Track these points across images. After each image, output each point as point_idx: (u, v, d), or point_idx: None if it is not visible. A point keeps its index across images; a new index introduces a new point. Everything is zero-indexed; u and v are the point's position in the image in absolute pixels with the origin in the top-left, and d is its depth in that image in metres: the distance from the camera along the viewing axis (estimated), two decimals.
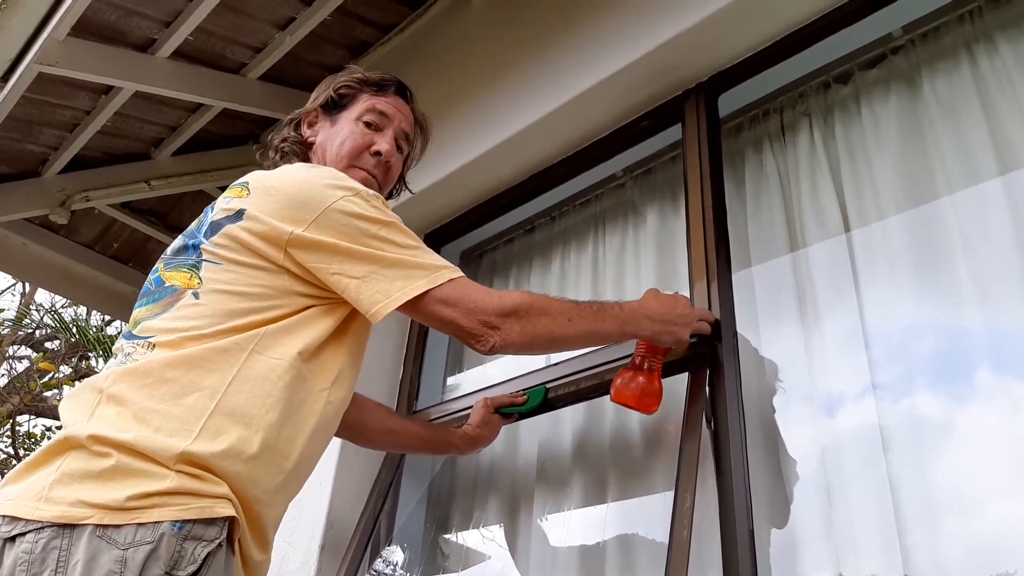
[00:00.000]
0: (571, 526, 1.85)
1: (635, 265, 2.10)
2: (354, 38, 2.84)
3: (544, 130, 2.17)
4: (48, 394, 7.84)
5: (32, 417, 8.05)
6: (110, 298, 3.81)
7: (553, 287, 2.30)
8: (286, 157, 1.50)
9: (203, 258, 1.24)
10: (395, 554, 2.11)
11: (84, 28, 2.48)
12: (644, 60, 1.94)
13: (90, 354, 8.20)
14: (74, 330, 7.59)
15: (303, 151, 1.51)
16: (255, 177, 1.34)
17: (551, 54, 2.21)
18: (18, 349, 8.99)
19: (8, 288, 10.03)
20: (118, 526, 1.01)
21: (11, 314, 8.81)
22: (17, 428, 7.61)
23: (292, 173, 1.34)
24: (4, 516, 1.05)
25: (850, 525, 1.44)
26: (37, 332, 8.69)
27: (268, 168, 1.48)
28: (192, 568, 1.02)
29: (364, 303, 1.22)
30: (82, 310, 8.38)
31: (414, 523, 2.19)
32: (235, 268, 1.22)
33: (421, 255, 1.27)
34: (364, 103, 1.52)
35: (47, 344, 8.73)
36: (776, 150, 1.94)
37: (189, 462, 1.07)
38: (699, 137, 1.92)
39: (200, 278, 1.22)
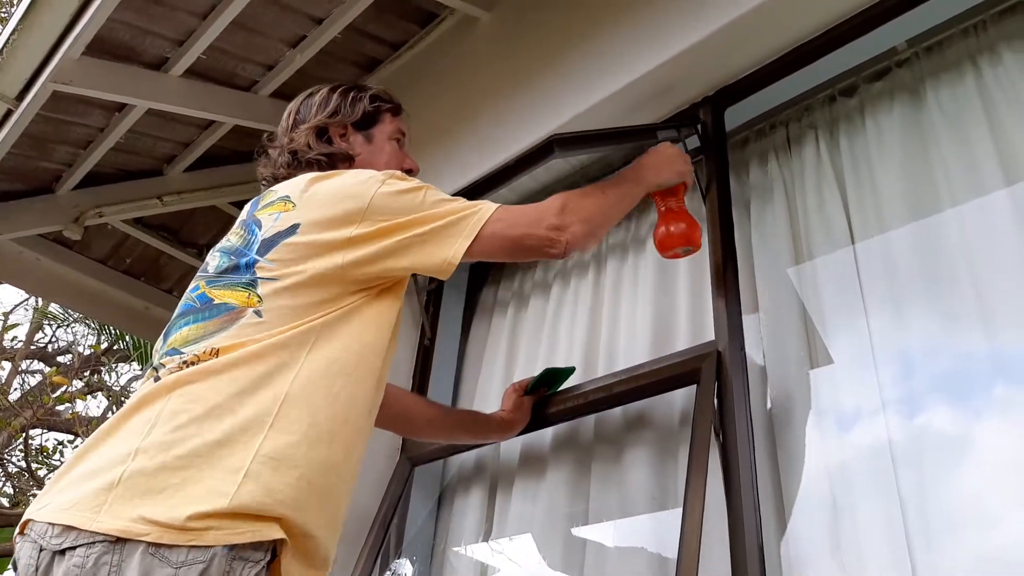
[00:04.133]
0: (580, 541, 1.85)
1: (633, 276, 2.11)
2: (364, 55, 2.87)
3: None
4: (61, 408, 7.88)
5: (44, 431, 8.09)
6: (123, 313, 3.83)
7: (553, 296, 2.31)
8: (312, 166, 1.52)
9: (258, 276, 1.26)
10: (405, 567, 2.11)
11: (98, 47, 2.51)
12: (651, 75, 1.95)
13: (102, 368, 8.25)
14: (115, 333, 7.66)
15: (333, 162, 1.54)
16: (292, 190, 1.37)
17: (558, 71, 2.23)
18: (31, 363, 9.05)
19: (21, 303, 10.10)
20: (172, 546, 1.02)
21: (24, 329, 8.87)
22: (30, 442, 7.64)
23: (330, 181, 1.38)
24: (55, 525, 1.06)
25: (859, 541, 1.44)
26: (50, 346, 8.75)
27: (281, 174, 1.51)
28: None
29: (437, 255, 1.29)
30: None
31: (424, 536, 2.19)
32: (296, 285, 1.25)
33: (463, 200, 1.36)
34: (391, 123, 1.63)
35: (60, 358, 8.78)
36: (782, 162, 1.95)
37: (265, 455, 1.09)
38: (705, 150, 1.94)
39: (259, 296, 1.25)
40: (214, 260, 1.35)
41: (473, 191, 2.11)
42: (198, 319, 1.26)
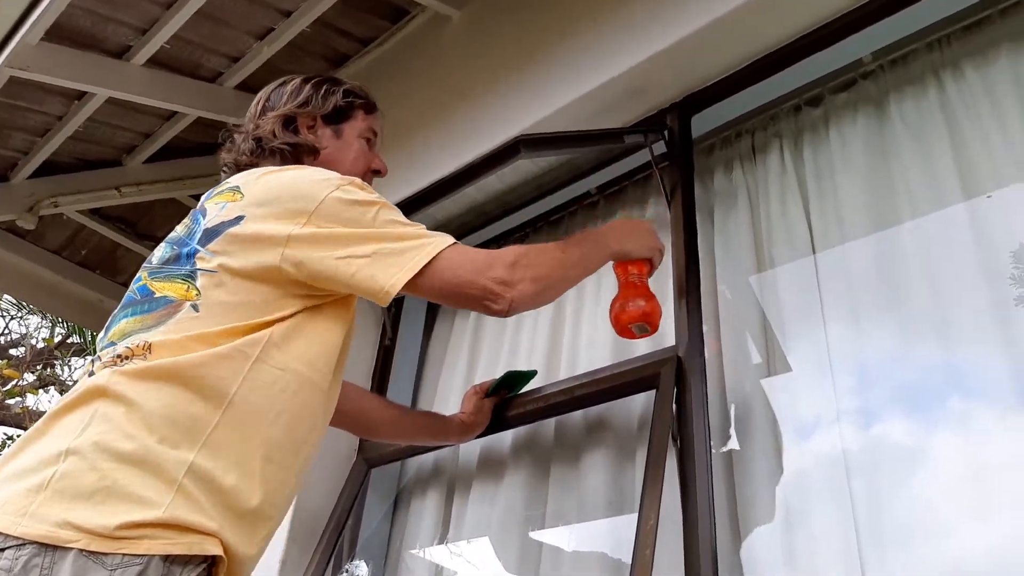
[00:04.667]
0: (536, 545, 1.84)
1: (597, 280, 2.10)
2: (333, 50, 2.84)
3: None
4: (11, 402, 7.69)
5: None
6: (76, 305, 3.75)
7: None
8: (275, 155, 1.45)
9: (197, 267, 1.21)
10: (358, 569, 2.08)
11: (58, 33, 2.46)
12: (620, 79, 1.95)
13: (55, 361, 8.07)
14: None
15: (297, 153, 1.47)
16: (244, 181, 1.32)
17: (528, 72, 2.22)
18: None
19: None
20: (105, 553, 0.98)
21: None
22: None
23: (283, 174, 1.32)
24: None
25: (813, 549, 1.44)
26: (2, 338, 8.53)
27: (243, 160, 1.45)
28: None
29: (379, 279, 1.19)
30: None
31: (379, 538, 2.16)
32: (234, 279, 1.19)
33: (420, 228, 1.26)
34: (363, 121, 1.55)
35: (12, 351, 8.58)
36: (747, 170, 1.96)
37: (196, 475, 1.05)
38: (671, 156, 1.94)
39: (197, 289, 1.19)
40: (159, 251, 1.31)
41: (438, 189, 2.08)
42: (137, 312, 1.21)
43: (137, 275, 1.29)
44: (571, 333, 2.06)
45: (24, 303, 7.87)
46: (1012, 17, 1.66)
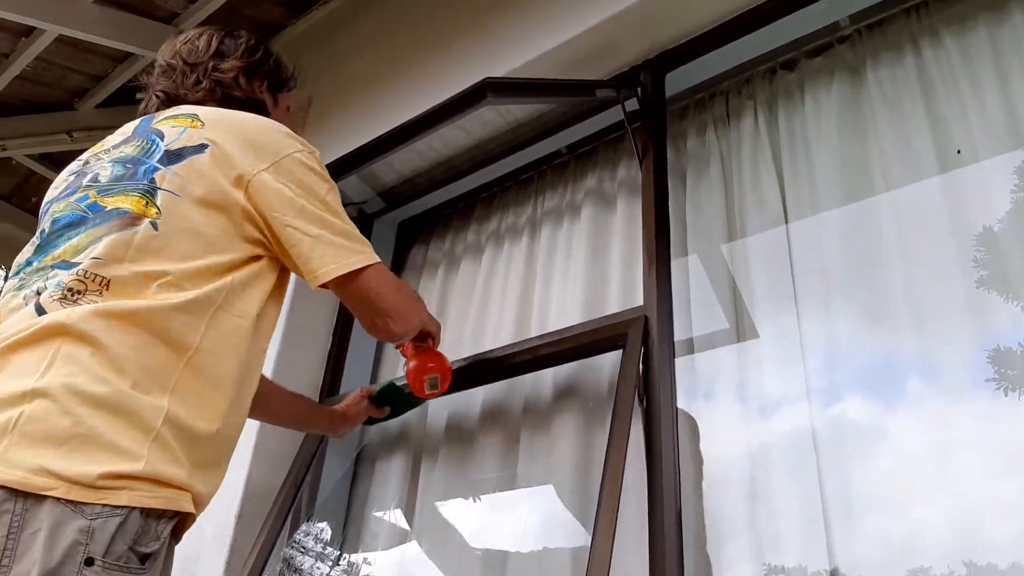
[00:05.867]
0: (503, 508, 1.82)
1: (567, 242, 2.08)
2: None
3: None
4: None
5: None
6: None
7: (485, 259, 2.27)
8: (231, 103, 1.38)
9: (158, 186, 1.17)
10: (316, 527, 2.05)
11: None
12: (594, 31, 1.91)
13: None
14: None
15: (250, 109, 1.41)
16: (205, 111, 1.28)
17: (499, 20, 2.16)
18: None
19: None
20: (84, 502, 0.94)
21: None
22: None
23: (249, 115, 1.31)
24: None
25: (775, 517, 1.43)
26: None
27: (191, 96, 1.38)
28: (155, 546, 1.00)
29: (314, 262, 1.20)
30: None
31: (338, 497, 2.13)
32: (195, 205, 1.16)
33: (358, 230, 1.29)
34: (288, 97, 1.57)
35: None
36: (720, 135, 1.93)
37: (171, 423, 1.03)
38: (644, 115, 1.91)
39: (158, 207, 1.15)
40: (104, 171, 1.23)
41: (402, 133, 2.00)
42: (90, 227, 1.15)
43: (80, 195, 1.20)
44: (541, 294, 2.03)
45: None
46: None
